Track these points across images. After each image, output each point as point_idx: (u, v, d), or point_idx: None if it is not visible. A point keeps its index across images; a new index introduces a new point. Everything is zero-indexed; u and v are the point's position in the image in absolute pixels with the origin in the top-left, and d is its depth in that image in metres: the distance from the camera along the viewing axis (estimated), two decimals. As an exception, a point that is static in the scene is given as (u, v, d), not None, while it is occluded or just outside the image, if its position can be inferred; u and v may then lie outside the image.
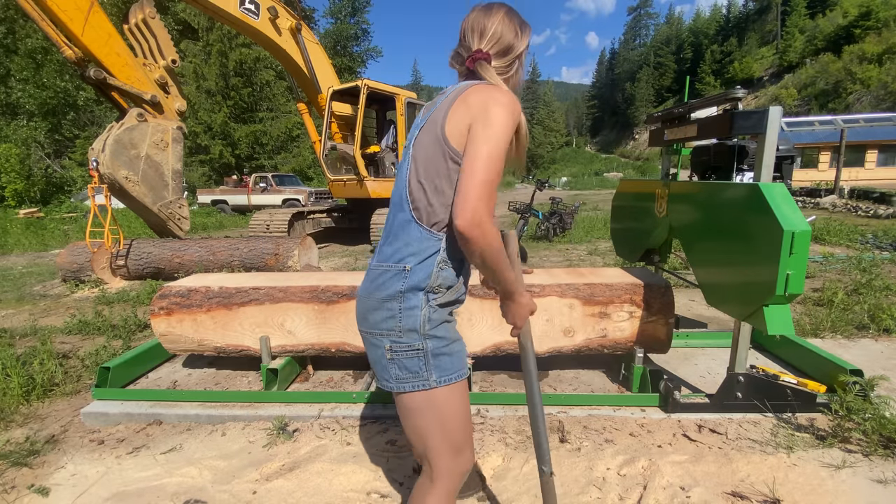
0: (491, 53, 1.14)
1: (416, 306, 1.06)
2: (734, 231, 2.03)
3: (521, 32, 1.17)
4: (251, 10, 6.92)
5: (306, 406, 2.43)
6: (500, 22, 1.14)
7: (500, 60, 1.15)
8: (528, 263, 5.96)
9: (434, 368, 1.07)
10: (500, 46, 1.15)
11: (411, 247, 1.07)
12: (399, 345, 1.07)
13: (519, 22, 1.17)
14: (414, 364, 1.07)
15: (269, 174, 17.56)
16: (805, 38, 42.96)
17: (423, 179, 1.06)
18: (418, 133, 1.12)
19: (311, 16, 33.88)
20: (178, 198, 6.09)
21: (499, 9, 1.16)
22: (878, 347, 3.08)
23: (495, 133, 0.98)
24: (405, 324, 1.06)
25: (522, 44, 1.18)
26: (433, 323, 1.07)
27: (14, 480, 1.95)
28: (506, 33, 1.15)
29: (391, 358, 1.08)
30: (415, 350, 1.06)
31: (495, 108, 1.00)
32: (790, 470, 1.84)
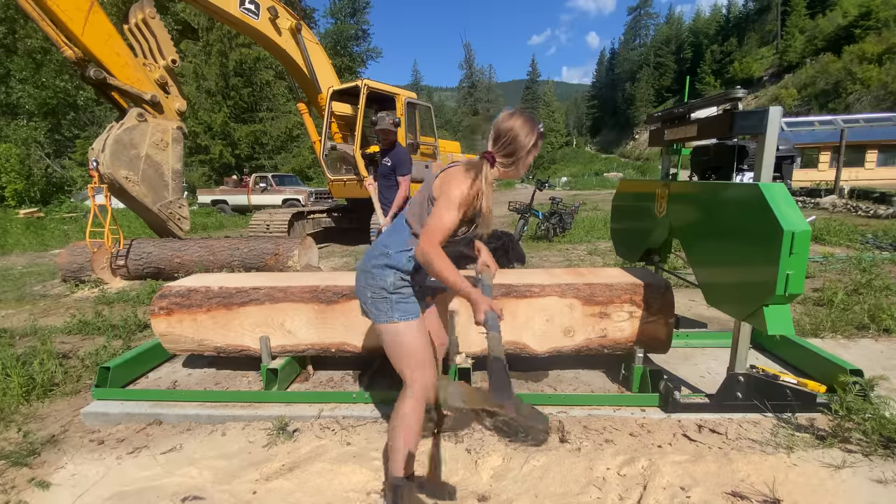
0: (497, 154, 1.60)
1: (387, 275, 1.66)
2: (734, 231, 2.03)
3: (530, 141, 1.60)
4: (251, 10, 6.92)
5: (306, 406, 2.43)
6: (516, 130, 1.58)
7: (505, 160, 1.62)
8: (529, 264, 5.95)
9: (395, 311, 1.65)
10: (509, 150, 1.60)
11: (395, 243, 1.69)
12: (376, 295, 1.67)
13: (530, 130, 1.59)
14: (384, 305, 1.66)
15: (269, 174, 17.55)
16: (805, 38, 42.95)
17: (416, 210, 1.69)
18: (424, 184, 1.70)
19: (311, 16, 33.89)
20: (178, 198, 6.09)
21: (518, 119, 1.60)
22: (878, 347, 3.08)
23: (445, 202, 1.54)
24: (380, 283, 1.66)
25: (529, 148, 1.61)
26: (396, 286, 1.67)
27: (14, 480, 1.95)
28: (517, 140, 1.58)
29: (372, 301, 1.68)
30: (384, 298, 1.66)
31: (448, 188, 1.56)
32: (790, 470, 1.84)
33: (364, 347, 2.56)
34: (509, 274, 2.82)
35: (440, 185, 1.59)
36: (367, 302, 1.69)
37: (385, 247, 1.68)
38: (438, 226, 1.52)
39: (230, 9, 6.68)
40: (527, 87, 74.86)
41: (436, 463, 1.98)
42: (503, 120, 1.62)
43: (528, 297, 2.47)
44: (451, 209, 1.53)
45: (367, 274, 1.68)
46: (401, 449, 1.58)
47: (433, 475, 1.91)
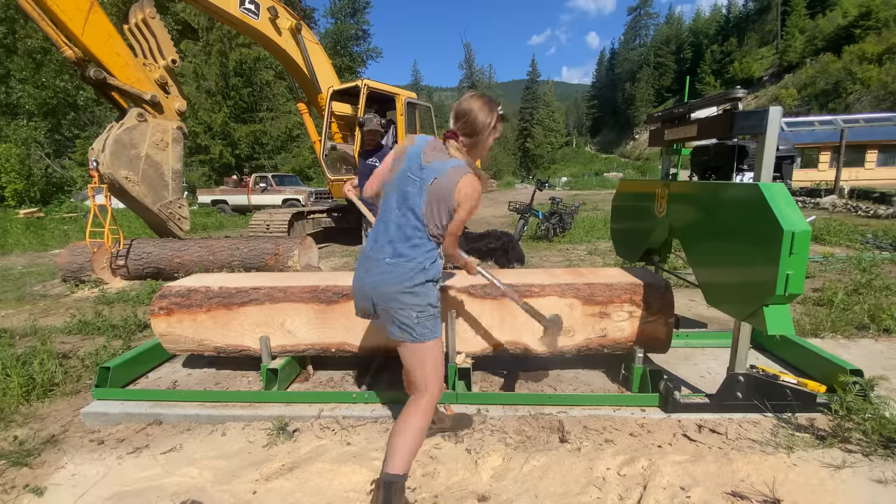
0: (458, 133, 1.70)
1: (431, 291, 1.70)
2: (734, 231, 2.03)
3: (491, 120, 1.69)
4: (251, 10, 6.91)
5: (306, 406, 2.43)
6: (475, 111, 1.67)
7: (465, 139, 1.71)
8: (529, 264, 5.95)
9: (437, 326, 1.72)
10: (468, 130, 1.69)
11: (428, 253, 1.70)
12: (423, 314, 1.66)
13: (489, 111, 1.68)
14: (430, 323, 1.69)
15: (269, 174, 17.55)
16: (805, 38, 42.97)
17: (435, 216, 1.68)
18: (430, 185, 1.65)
19: (311, 16, 33.88)
20: (178, 198, 6.09)
21: (477, 100, 1.69)
22: (878, 347, 3.08)
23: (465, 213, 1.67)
24: (427, 300, 1.68)
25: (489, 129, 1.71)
26: (437, 299, 1.73)
27: (14, 480, 1.95)
28: (476, 121, 1.68)
29: (418, 321, 1.65)
30: (431, 315, 1.69)
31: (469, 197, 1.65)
32: (790, 470, 1.84)
33: (364, 347, 2.56)
34: (509, 274, 2.82)
35: (460, 198, 1.63)
36: (413, 323, 1.64)
37: (420, 262, 1.66)
38: (459, 230, 1.74)
39: (230, 9, 6.68)
40: (527, 87, 74.70)
41: (436, 463, 1.98)
42: (463, 100, 1.70)
43: (528, 297, 2.47)
44: (471, 215, 1.71)
45: (410, 295, 1.64)
46: (408, 450, 1.60)
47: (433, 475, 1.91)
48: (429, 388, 1.68)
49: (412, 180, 1.67)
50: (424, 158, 1.68)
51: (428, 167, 1.66)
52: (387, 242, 1.68)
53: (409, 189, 1.67)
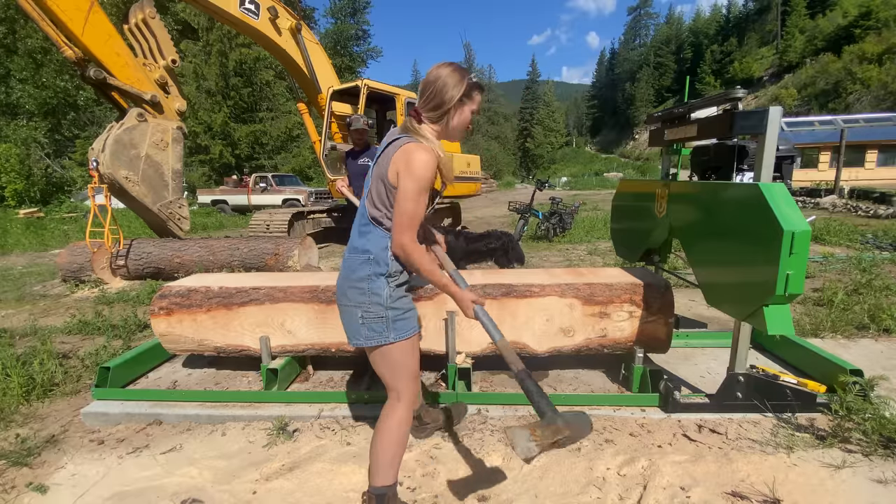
0: (422, 111, 1.48)
1: (380, 286, 1.48)
2: (734, 231, 2.03)
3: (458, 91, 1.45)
4: (251, 10, 6.91)
5: (306, 406, 2.43)
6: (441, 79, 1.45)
7: (432, 114, 1.48)
8: (529, 264, 5.95)
9: (392, 330, 1.49)
10: (433, 102, 1.46)
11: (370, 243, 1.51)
12: (368, 313, 1.48)
13: (458, 80, 1.45)
14: (379, 326, 1.49)
15: (269, 174, 17.55)
16: (805, 38, 42.97)
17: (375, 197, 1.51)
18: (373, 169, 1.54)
19: (311, 16, 33.88)
20: (178, 198, 6.09)
21: (444, 67, 1.47)
22: (878, 347, 3.08)
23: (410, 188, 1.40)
24: (373, 299, 1.48)
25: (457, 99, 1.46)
26: (393, 298, 1.49)
27: (14, 480, 1.95)
28: (442, 91, 1.45)
29: (362, 322, 1.49)
30: (379, 318, 1.48)
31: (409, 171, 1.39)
32: (790, 470, 1.84)
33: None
34: (509, 274, 2.82)
35: (399, 169, 1.42)
36: (357, 324, 1.50)
37: (363, 252, 1.50)
38: (410, 217, 1.41)
39: (230, 9, 6.68)
40: (527, 87, 74.72)
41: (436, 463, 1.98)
42: (430, 71, 1.48)
43: (528, 297, 2.47)
44: (421, 192, 1.41)
45: (354, 290, 1.49)
46: (389, 460, 1.52)
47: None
48: (400, 395, 1.56)
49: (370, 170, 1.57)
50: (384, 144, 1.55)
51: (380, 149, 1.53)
52: (349, 243, 1.59)
53: (366, 179, 1.56)
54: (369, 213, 1.52)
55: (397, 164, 1.42)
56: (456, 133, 1.54)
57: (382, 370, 1.56)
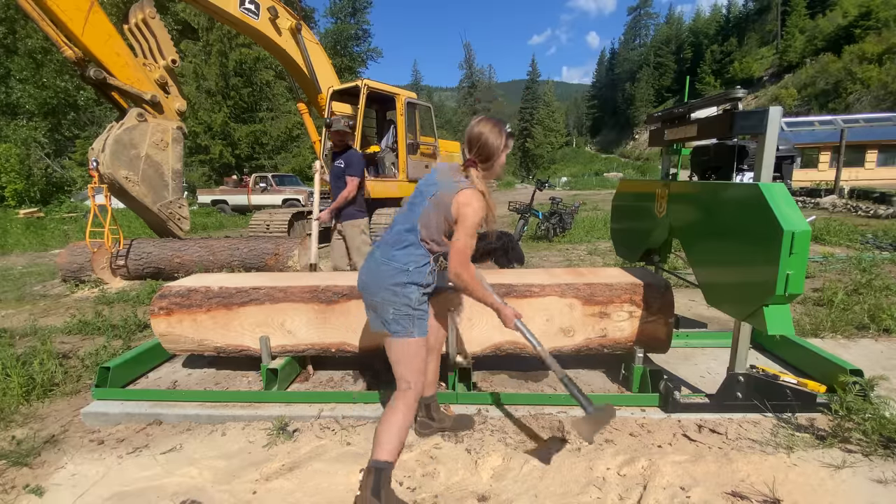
0: (477, 160, 1.79)
1: (412, 292, 1.77)
2: (734, 231, 2.03)
3: (501, 142, 1.78)
4: (251, 10, 6.91)
5: (306, 406, 2.43)
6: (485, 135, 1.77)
7: (484, 164, 1.81)
8: (529, 264, 5.95)
9: (416, 327, 1.78)
10: (484, 154, 1.78)
11: (413, 256, 1.79)
12: (398, 312, 1.76)
13: (498, 133, 1.78)
14: (406, 322, 1.76)
15: (269, 174, 17.55)
16: (805, 38, 42.94)
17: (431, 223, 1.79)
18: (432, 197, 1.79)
19: (311, 16, 33.88)
20: (178, 198, 6.09)
21: (486, 124, 1.79)
22: (878, 347, 3.08)
23: (468, 227, 1.72)
24: (404, 301, 1.76)
25: (501, 148, 1.80)
26: (420, 302, 1.80)
27: (14, 480, 1.95)
28: (488, 144, 1.77)
29: (393, 318, 1.76)
30: (407, 315, 1.77)
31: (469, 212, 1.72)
32: (790, 470, 1.84)
33: (364, 347, 2.56)
34: (509, 274, 2.82)
35: (460, 211, 1.73)
36: (389, 318, 1.77)
37: (404, 264, 1.77)
38: (466, 248, 1.73)
39: (230, 9, 6.68)
40: (527, 87, 74.65)
41: (436, 463, 1.98)
42: (472, 127, 1.80)
43: (528, 297, 2.47)
44: (475, 231, 1.74)
45: (389, 292, 1.76)
46: (393, 440, 1.68)
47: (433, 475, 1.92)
48: (410, 384, 1.76)
49: (420, 194, 1.84)
50: (437, 176, 1.84)
51: (437, 183, 1.82)
52: (385, 245, 1.84)
53: (414, 201, 1.85)
54: (421, 234, 1.78)
55: (459, 204, 1.74)
56: (498, 172, 1.88)
57: (399, 361, 1.79)
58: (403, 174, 8.09)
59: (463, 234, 1.73)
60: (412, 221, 1.80)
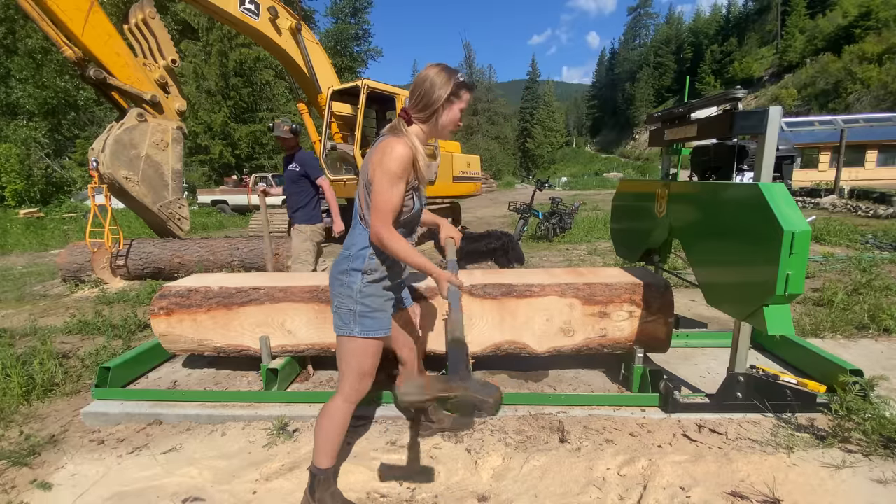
0: (411, 112, 1.57)
1: (354, 281, 1.58)
2: (734, 231, 2.03)
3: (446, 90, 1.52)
4: (251, 10, 6.92)
5: (306, 406, 2.43)
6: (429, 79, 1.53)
7: (421, 114, 1.56)
8: (529, 264, 5.95)
9: (358, 324, 1.58)
10: (423, 102, 1.54)
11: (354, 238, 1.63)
12: (340, 304, 1.61)
13: (445, 79, 1.52)
14: (347, 317, 1.59)
15: (269, 174, 17.55)
16: (805, 38, 42.97)
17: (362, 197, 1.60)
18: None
19: (311, 16, 33.88)
20: (178, 198, 6.09)
21: (432, 68, 1.55)
22: (879, 347, 3.08)
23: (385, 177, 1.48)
24: (346, 291, 1.59)
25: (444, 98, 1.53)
26: (363, 294, 1.58)
27: (14, 480, 1.95)
28: (429, 91, 1.52)
29: (335, 311, 1.63)
30: (348, 310, 1.59)
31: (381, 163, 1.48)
32: (790, 470, 1.84)
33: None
34: (509, 274, 2.82)
35: (374, 163, 1.51)
36: (333, 310, 1.66)
37: (346, 248, 1.63)
38: (385, 204, 1.48)
39: (230, 9, 6.68)
40: (527, 87, 74.67)
41: (436, 463, 1.98)
42: (419, 73, 1.56)
43: (528, 297, 2.47)
44: (394, 182, 1.48)
45: (335, 281, 1.64)
46: (326, 442, 1.64)
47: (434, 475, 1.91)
48: (341, 388, 1.65)
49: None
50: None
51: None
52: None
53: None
54: (358, 210, 1.62)
55: (373, 160, 1.52)
56: (445, 131, 1.60)
57: (339, 360, 1.67)
58: (403, 174, 8.08)
59: (377, 187, 1.47)
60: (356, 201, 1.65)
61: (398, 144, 1.48)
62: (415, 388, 1.33)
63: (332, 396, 1.69)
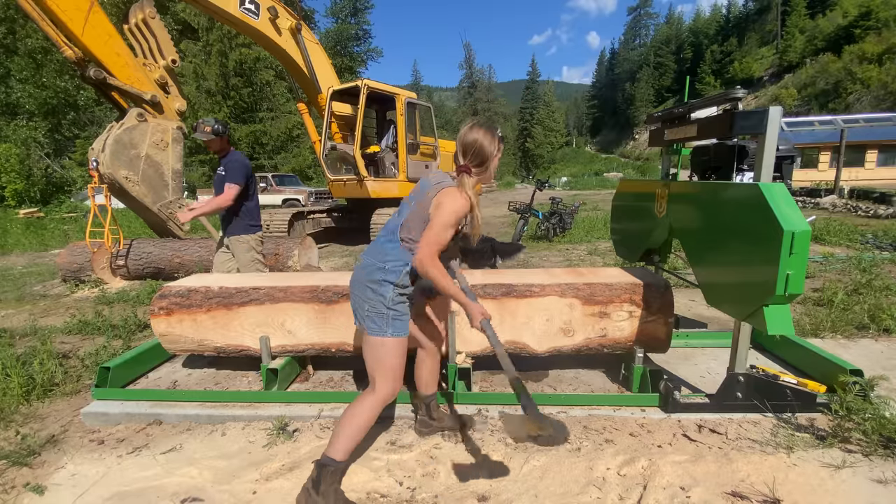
0: (471, 165, 1.80)
1: (387, 291, 1.77)
2: (734, 231, 2.03)
3: (495, 147, 1.80)
4: (251, 10, 6.92)
5: (306, 406, 2.43)
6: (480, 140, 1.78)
7: (478, 169, 1.82)
8: (529, 264, 5.95)
9: (390, 327, 1.76)
10: (479, 159, 1.80)
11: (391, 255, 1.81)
12: (373, 309, 1.77)
13: (492, 138, 1.79)
14: (380, 321, 1.76)
15: (270, 174, 17.55)
16: (805, 38, 42.96)
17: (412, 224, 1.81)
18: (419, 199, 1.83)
19: (311, 16, 33.88)
20: (178, 198, 6.10)
21: (479, 130, 1.79)
22: (878, 347, 3.08)
23: (441, 219, 1.71)
24: (378, 299, 1.77)
25: (495, 153, 1.82)
26: (395, 301, 1.78)
27: (14, 480, 1.95)
28: (483, 149, 1.78)
29: (368, 315, 1.78)
30: (381, 314, 1.77)
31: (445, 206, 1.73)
32: (790, 470, 1.84)
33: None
34: (509, 274, 2.82)
35: (437, 205, 1.74)
36: (364, 315, 1.79)
37: (382, 262, 1.79)
38: (436, 241, 1.71)
39: (230, 9, 6.69)
40: (527, 87, 74.69)
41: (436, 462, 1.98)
42: (466, 134, 1.80)
43: (528, 297, 2.47)
44: (448, 226, 1.73)
45: (365, 289, 1.78)
46: (348, 437, 1.71)
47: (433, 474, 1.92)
48: (375, 387, 1.77)
49: (410, 197, 1.88)
50: (429, 179, 1.87)
51: (426, 186, 1.85)
52: (372, 245, 1.90)
53: (404, 203, 1.90)
54: (401, 234, 1.81)
55: (437, 201, 1.75)
56: (490, 176, 1.89)
57: (371, 360, 1.80)
58: (403, 174, 8.09)
59: (435, 224, 1.72)
60: (397, 222, 1.85)
61: (461, 198, 1.74)
62: (517, 428, 1.56)
63: (362, 394, 1.79)
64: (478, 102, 60.96)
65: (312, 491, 1.66)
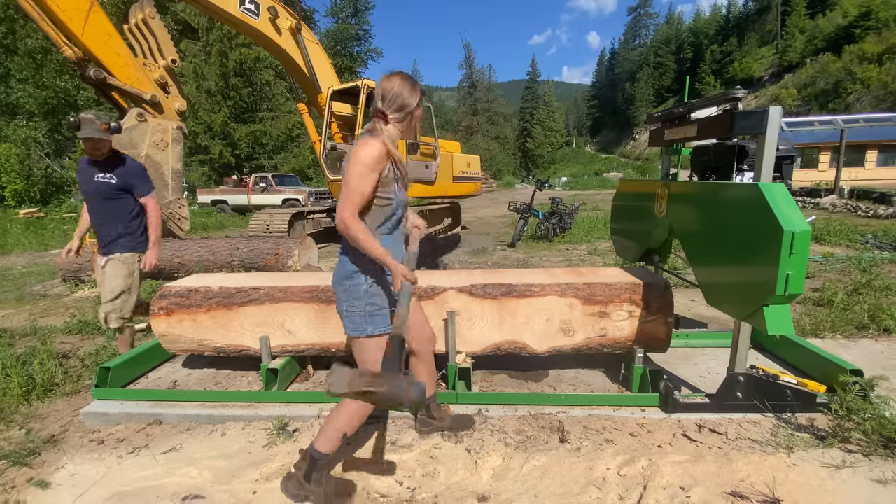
0: (388, 112, 1.68)
1: (360, 283, 1.69)
2: (734, 231, 2.03)
3: (415, 98, 1.71)
4: (251, 9, 6.91)
5: (306, 406, 2.43)
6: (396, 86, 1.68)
7: (397, 115, 1.70)
8: (529, 264, 5.95)
9: (370, 323, 1.70)
10: (395, 105, 1.68)
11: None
12: (351, 307, 1.71)
13: (411, 86, 1.70)
14: (358, 319, 1.70)
15: (269, 174, 17.54)
16: (805, 38, 42.95)
17: None
18: None
19: (311, 16, 33.87)
20: (178, 198, 6.09)
21: (397, 76, 1.70)
22: (878, 347, 3.08)
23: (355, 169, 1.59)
24: (353, 294, 1.70)
25: (414, 103, 1.71)
26: (370, 294, 1.70)
27: (14, 480, 1.95)
28: (400, 94, 1.68)
29: (346, 315, 1.72)
30: (358, 312, 1.70)
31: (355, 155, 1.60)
32: (790, 470, 1.84)
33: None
34: (509, 274, 2.82)
35: (348, 159, 1.63)
36: (343, 315, 1.75)
37: (346, 253, 1.72)
38: (353, 191, 1.59)
39: (230, 9, 6.68)
40: (527, 87, 74.63)
41: (436, 463, 1.98)
42: (383, 81, 1.71)
43: (528, 297, 2.47)
44: (362, 175, 1.59)
45: (339, 286, 1.73)
46: (337, 431, 1.70)
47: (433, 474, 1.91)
48: None
49: None
50: None
51: None
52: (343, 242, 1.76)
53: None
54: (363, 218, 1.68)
55: (349, 154, 1.63)
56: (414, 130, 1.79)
57: (360, 362, 1.77)
58: (403, 174, 8.08)
59: (348, 177, 1.59)
60: None
61: (372, 140, 1.62)
62: (340, 380, 1.36)
63: None
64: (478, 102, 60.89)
65: (304, 482, 1.70)
